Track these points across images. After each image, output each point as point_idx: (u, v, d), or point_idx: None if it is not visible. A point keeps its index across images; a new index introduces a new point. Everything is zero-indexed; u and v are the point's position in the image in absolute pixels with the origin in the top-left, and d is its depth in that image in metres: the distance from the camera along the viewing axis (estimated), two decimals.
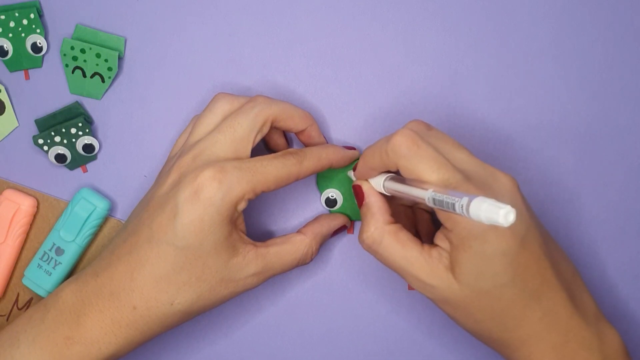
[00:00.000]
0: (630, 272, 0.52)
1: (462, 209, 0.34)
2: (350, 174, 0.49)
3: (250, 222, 0.52)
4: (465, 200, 0.33)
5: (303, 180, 0.52)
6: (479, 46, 0.52)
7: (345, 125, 0.52)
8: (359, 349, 0.52)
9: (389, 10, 0.52)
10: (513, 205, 0.41)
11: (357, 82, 0.52)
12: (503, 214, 0.31)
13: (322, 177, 0.52)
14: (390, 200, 0.46)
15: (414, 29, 0.52)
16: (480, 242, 0.40)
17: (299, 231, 0.48)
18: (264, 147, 0.51)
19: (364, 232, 0.45)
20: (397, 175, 0.44)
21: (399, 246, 0.43)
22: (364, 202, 0.45)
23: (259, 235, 0.52)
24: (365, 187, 0.46)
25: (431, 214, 0.50)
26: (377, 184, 0.45)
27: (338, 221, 0.50)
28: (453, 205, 0.35)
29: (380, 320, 0.52)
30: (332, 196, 0.51)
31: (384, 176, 0.45)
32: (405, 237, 0.44)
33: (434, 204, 0.37)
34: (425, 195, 0.38)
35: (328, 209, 0.52)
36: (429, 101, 0.52)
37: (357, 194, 0.46)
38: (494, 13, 0.52)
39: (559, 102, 0.52)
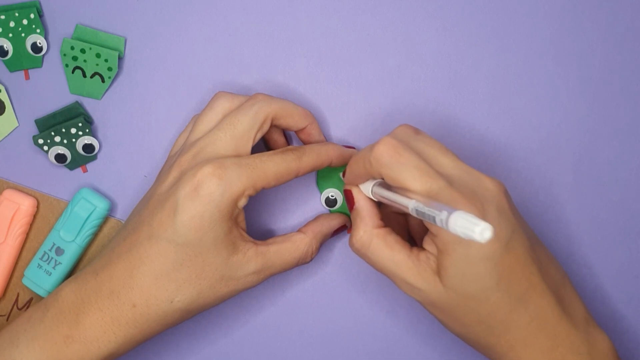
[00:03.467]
0: (630, 273, 0.52)
1: (442, 223, 0.34)
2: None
3: (251, 221, 0.52)
4: (444, 214, 0.34)
5: (303, 180, 0.52)
6: (479, 46, 0.52)
7: (345, 125, 0.52)
8: (359, 349, 0.52)
9: (389, 10, 0.52)
10: (498, 210, 0.41)
11: (357, 82, 0.52)
12: (479, 231, 0.32)
13: (322, 177, 0.52)
14: (381, 205, 0.46)
15: (414, 29, 0.52)
16: (464, 246, 0.40)
17: (299, 230, 0.48)
18: (263, 147, 0.51)
19: (353, 236, 0.45)
20: (385, 182, 0.44)
21: (387, 249, 0.43)
22: (354, 207, 0.45)
23: (259, 234, 0.52)
24: (355, 192, 0.46)
25: None
26: (366, 189, 0.45)
27: (338, 221, 0.50)
28: (434, 218, 0.35)
29: (380, 320, 0.52)
30: (332, 196, 0.51)
31: (373, 182, 0.45)
32: (393, 240, 0.44)
33: (417, 214, 0.38)
34: (409, 204, 0.39)
35: (328, 208, 0.52)
36: (429, 101, 0.52)
37: (347, 199, 0.46)
38: (493, 13, 0.52)
39: (559, 102, 0.52)
